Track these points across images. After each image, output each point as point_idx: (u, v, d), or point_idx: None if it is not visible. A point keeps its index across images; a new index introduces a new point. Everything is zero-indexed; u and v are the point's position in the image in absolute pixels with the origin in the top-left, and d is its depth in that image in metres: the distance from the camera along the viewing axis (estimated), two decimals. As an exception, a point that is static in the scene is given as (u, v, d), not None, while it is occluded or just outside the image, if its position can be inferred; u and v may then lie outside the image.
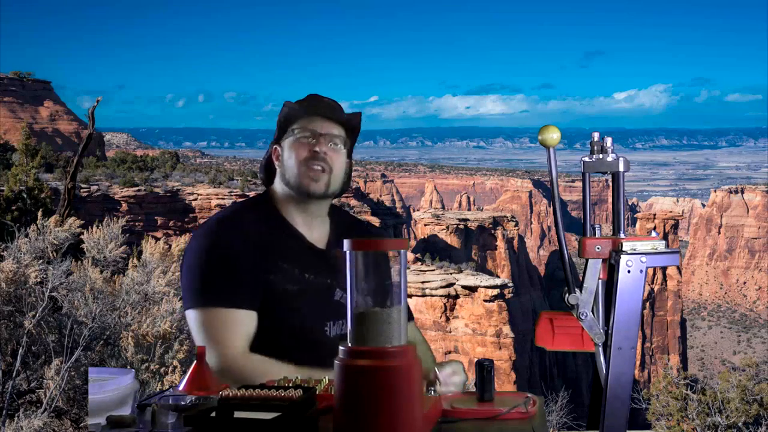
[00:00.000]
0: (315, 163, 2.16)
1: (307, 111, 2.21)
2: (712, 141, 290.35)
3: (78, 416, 4.78)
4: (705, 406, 8.64)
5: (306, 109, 2.22)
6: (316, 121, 2.20)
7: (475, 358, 16.49)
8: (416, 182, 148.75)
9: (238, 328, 2.04)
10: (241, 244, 2.09)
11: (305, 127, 2.19)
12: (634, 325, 1.65)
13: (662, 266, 1.68)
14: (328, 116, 2.21)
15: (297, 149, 2.18)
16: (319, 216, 2.24)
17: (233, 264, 2.06)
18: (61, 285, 5.33)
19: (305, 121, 2.20)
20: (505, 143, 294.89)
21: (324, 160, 2.16)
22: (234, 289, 2.05)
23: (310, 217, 2.21)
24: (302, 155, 2.16)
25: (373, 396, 1.40)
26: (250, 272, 2.07)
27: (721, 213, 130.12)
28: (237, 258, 2.07)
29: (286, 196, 2.21)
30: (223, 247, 2.08)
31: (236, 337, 2.04)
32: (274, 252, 2.12)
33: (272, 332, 2.09)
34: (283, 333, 2.10)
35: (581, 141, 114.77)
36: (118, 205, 51.56)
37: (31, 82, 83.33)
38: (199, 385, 1.72)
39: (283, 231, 2.18)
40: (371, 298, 1.47)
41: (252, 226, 2.14)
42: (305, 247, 2.19)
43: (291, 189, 2.19)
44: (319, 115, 2.21)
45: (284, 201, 2.22)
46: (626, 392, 1.66)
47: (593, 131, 1.75)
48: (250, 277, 2.07)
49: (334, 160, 2.18)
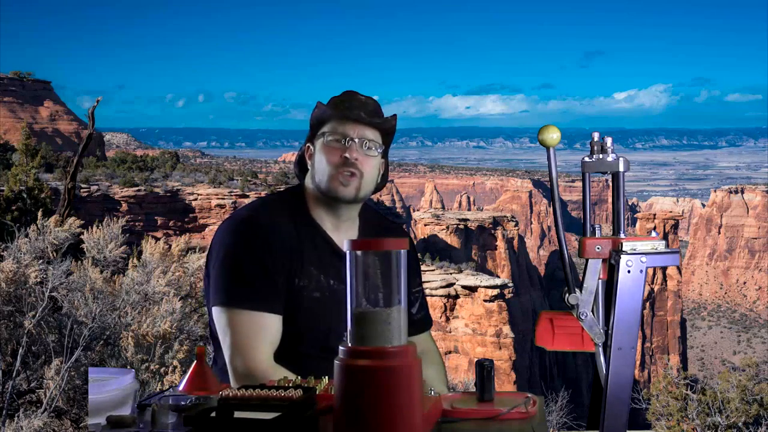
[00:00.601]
0: (345, 169, 2.10)
1: (339, 113, 2.13)
2: (712, 141, 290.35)
3: (78, 416, 4.78)
4: (705, 406, 8.64)
5: (338, 111, 2.13)
6: (347, 124, 2.12)
7: (475, 358, 16.49)
8: (416, 182, 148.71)
9: (267, 334, 2.02)
10: (273, 246, 2.05)
11: (336, 131, 2.12)
12: (634, 325, 1.65)
13: (662, 266, 1.68)
14: (362, 120, 2.12)
15: (327, 153, 2.11)
16: (348, 219, 2.20)
17: (266, 265, 2.03)
18: (61, 285, 5.33)
19: (337, 123, 2.13)
20: (505, 143, 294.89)
21: (354, 165, 2.10)
22: (265, 292, 2.02)
23: (338, 220, 2.18)
24: (333, 160, 2.10)
25: (373, 396, 1.40)
26: (279, 275, 2.04)
27: (721, 213, 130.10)
28: (266, 258, 2.03)
29: (316, 196, 2.17)
30: (256, 247, 2.04)
31: (264, 345, 2.01)
32: (302, 256, 2.09)
33: (293, 339, 2.06)
34: (304, 340, 2.08)
35: (581, 141, 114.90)
36: (118, 205, 51.55)
37: (31, 82, 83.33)
38: (199, 385, 1.72)
39: (312, 234, 2.14)
40: (371, 298, 1.47)
41: (281, 226, 2.09)
42: (332, 252, 2.14)
43: (320, 191, 2.14)
44: (352, 118, 2.12)
45: (314, 200, 2.17)
46: (626, 392, 1.66)
47: (593, 131, 1.75)
48: (280, 280, 2.04)
49: (365, 164, 2.12)
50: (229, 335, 2.02)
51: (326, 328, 2.08)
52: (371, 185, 2.17)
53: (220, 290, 2.05)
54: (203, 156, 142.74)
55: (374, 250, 1.48)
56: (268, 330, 2.02)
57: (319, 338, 2.08)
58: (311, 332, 2.08)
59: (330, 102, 2.17)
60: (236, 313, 2.01)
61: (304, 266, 2.08)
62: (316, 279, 2.09)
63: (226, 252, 2.06)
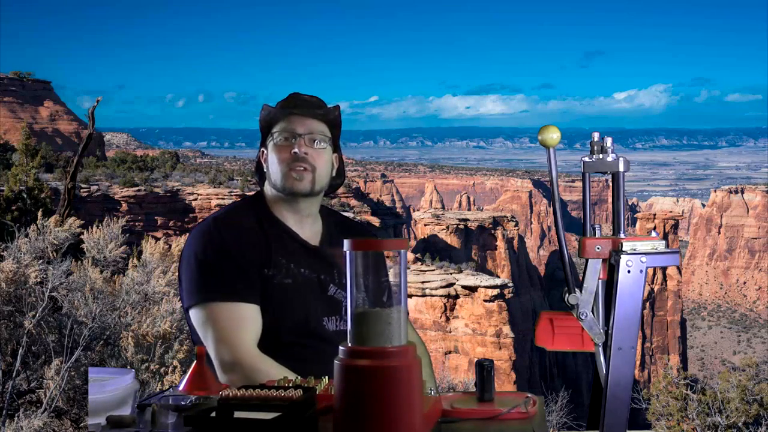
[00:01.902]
0: (297, 164, 2.17)
1: (285, 112, 2.21)
2: (712, 141, 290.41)
3: (78, 416, 4.78)
4: (705, 406, 8.64)
5: (283, 110, 2.22)
6: (294, 120, 2.20)
7: (475, 358, 16.49)
8: (416, 182, 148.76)
9: (247, 324, 2.05)
10: (238, 240, 2.11)
11: (285, 129, 2.20)
12: (634, 325, 1.65)
13: (662, 266, 1.68)
14: (306, 114, 2.20)
15: (278, 152, 2.19)
16: (310, 215, 2.25)
17: (233, 258, 2.08)
18: (61, 285, 5.33)
19: (284, 122, 2.20)
20: (505, 143, 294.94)
21: (305, 160, 2.17)
22: (237, 283, 2.06)
23: (300, 215, 2.23)
24: (284, 158, 2.18)
25: (373, 396, 1.40)
26: (249, 266, 2.09)
27: (721, 213, 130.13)
28: (235, 253, 2.09)
29: (275, 197, 2.23)
30: (220, 242, 2.10)
31: (247, 334, 2.04)
32: (268, 247, 2.14)
33: (272, 328, 2.09)
34: (284, 328, 2.10)
35: (581, 141, 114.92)
36: (118, 205, 51.57)
37: (31, 82, 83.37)
38: (199, 385, 1.72)
39: (277, 230, 2.20)
40: (371, 298, 1.47)
41: (246, 223, 2.16)
42: (298, 243, 2.20)
43: (278, 191, 2.21)
44: (296, 114, 2.20)
45: (275, 201, 2.24)
46: (626, 392, 1.66)
47: (593, 131, 1.75)
48: (250, 271, 2.08)
49: (316, 158, 2.19)
50: (210, 330, 2.04)
51: (303, 314, 2.12)
52: (326, 178, 2.23)
53: (193, 290, 2.08)
54: (203, 156, 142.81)
55: (374, 250, 1.48)
56: (248, 320, 2.05)
57: (299, 325, 2.12)
58: (289, 319, 2.11)
59: (277, 104, 2.25)
60: (214, 307, 2.04)
61: (272, 257, 2.13)
62: (286, 267, 2.14)
63: (195, 254, 2.10)
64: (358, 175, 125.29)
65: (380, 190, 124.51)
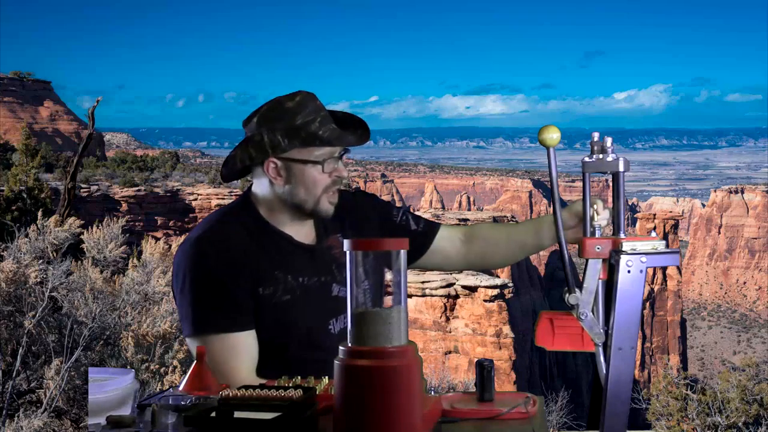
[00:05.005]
0: (335, 187, 2.07)
1: (347, 133, 2.03)
2: (712, 141, 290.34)
3: (78, 416, 4.78)
4: (705, 406, 8.65)
5: (346, 131, 2.03)
6: (350, 143, 2.05)
7: (475, 358, 16.49)
8: (416, 182, 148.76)
9: (242, 352, 2.00)
10: (225, 264, 1.99)
11: (334, 152, 2.04)
12: (634, 325, 1.65)
13: (662, 266, 1.68)
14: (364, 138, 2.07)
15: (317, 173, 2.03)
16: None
17: (221, 286, 1.98)
18: (61, 285, 5.33)
19: (338, 142, 2.03)
20: (505, 143, 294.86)
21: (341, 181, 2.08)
22: (229, 313, 1.99)
23: (298, 219, 2.11)
24: (324, 180, 2.04)
25: (373, 396, 1.40)
26: (240, 290, 1.99)
27: (721, 213, 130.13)
28: (229, 277, 1.98)
29: (273, 202, 2.09)
30: (206, 271, 1.99)
31: (243, 363, 2.00)
32: (264, 262, 2.03)
33: (275, 347, 2.04)
34: (287, 346, 2.05)
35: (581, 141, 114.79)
36: (118, 205, 51.58)
37: (31, 82, 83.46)
38: (199, 385, 1.72)
39: (268, 235, 2.07)
40: (371, 298, 1.46)
41: (234, 239, 2.02)
42: (294, 247, 2.08)
43: (299, 210, 2.07)
44: (355, 137, 2.05)
45: (270, 205, 2.09)
46: (626, 392, 1.66)
47: (593, 131, 1.74)
48: (242, 296, 2.00)
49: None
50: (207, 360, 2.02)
51: (305, 328, 2.05)
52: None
53: (185, 322, 2.03)
54: (203, 156, 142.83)
55: (374, 250, 1.48)
56: (242, 348, 2.00)
57: (302, 339, 2.05)
58: (291, 336, 2.05)
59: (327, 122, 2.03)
60: (207, 339, 1.99)
61: (267, 272, 2.03)
62: (283, 281, 2.04)
63: (184, 278, 2.01)
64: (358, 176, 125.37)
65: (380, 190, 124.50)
